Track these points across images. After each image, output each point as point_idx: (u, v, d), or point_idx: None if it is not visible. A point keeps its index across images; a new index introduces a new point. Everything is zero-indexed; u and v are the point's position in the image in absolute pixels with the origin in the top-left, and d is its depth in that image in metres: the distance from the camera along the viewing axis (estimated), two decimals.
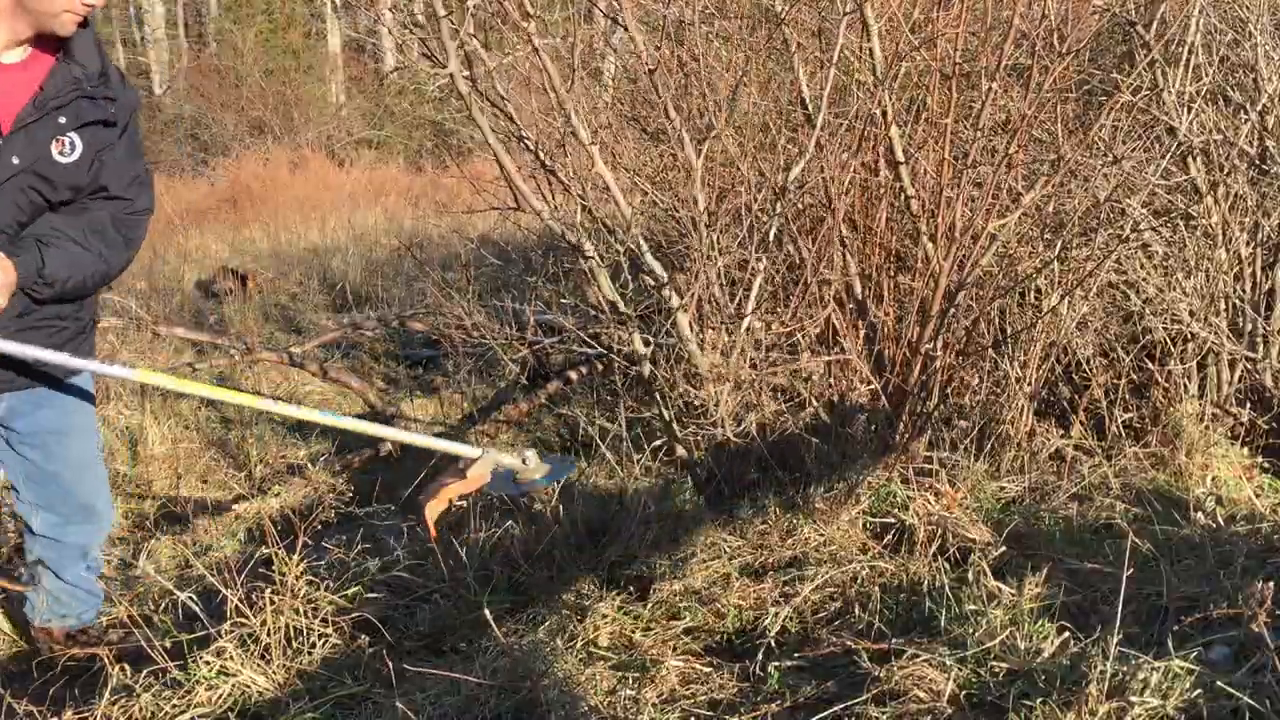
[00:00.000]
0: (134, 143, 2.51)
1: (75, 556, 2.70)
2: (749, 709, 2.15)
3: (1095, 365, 3.58)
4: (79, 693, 2.40)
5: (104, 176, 2.44)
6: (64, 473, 2.61)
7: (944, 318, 3.07)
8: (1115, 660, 1.95)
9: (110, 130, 2.42)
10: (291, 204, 11.58)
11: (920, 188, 3.33)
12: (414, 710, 2.12)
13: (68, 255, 2.39)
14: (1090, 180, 3.43)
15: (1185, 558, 2.65)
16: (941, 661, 2.14)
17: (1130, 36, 3.74)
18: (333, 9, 20.11)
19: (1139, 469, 3.34)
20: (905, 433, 3.14)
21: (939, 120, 3.23)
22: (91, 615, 2.79)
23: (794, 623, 2.53)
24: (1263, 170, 3.64)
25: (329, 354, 5.76)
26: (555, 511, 2.99)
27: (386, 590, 2.80)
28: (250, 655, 2.34)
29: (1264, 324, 3.61)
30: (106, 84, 2.39)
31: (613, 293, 3.11)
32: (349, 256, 8.82)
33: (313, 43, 21.26)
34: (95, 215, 2.45)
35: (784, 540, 2.86)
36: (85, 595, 2.76)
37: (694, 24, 3.17)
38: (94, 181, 2.43)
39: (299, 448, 4.63)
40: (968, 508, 2.97)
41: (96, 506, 2.70)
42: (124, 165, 2.46)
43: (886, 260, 3.39)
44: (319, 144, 16.37)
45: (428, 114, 15.90)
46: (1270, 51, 3.54)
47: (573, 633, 2.47)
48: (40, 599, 2.72)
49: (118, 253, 2.49)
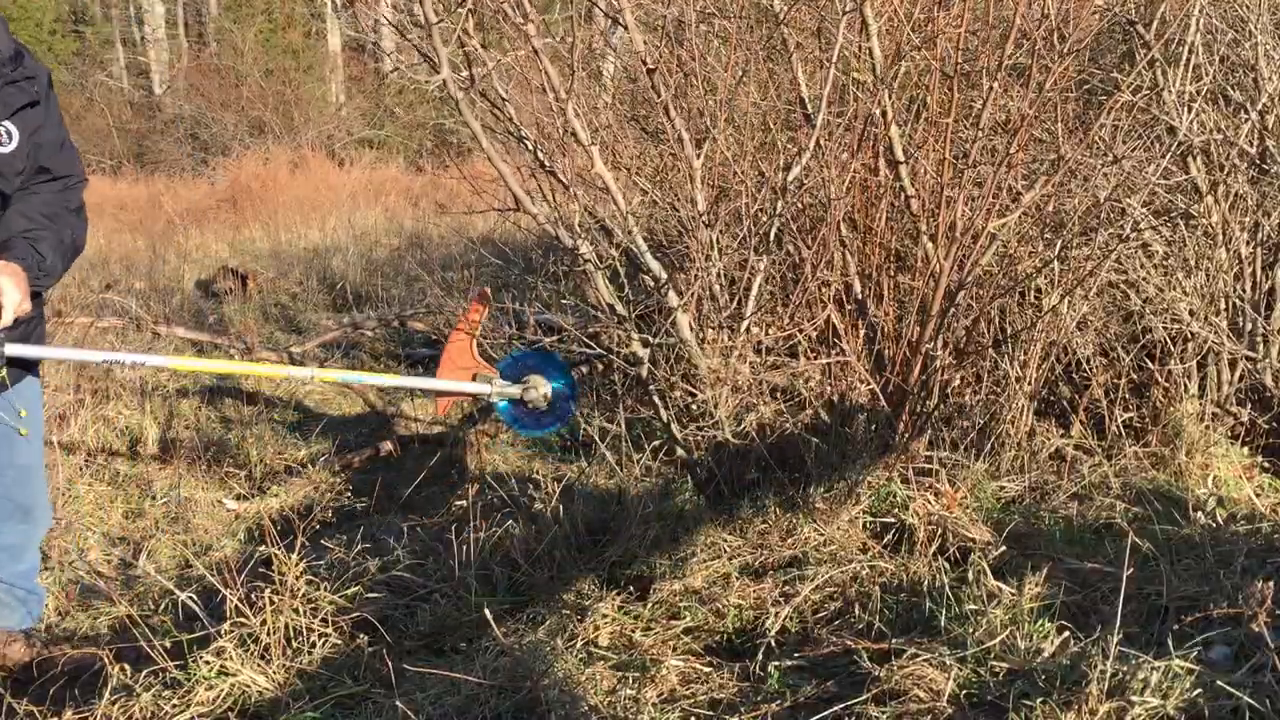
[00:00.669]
0: (55, 113, 2.51)
1: (8, 558, 2.62)
2: (749, 709, 2.15)
3: (1095, 365, 3.58)
4: (79, 693, 2.40)
5: (42, 157, 2.45)
6: (6, 473, 2.55)
7: (944, 317, 3.07)
8: (1115, 660, 1.95)
9: (37, 110, 2.42)
10: (291, 204, 11.58)
11: (920, 187, 3.33)
12: (414, 710, 2.12)
13: (52, 241, 2.41)
14: (1090, 180, 3.43)
15: (1185, 557, 2.65)
16: (941, 661, 2.15)
17: (1130, 36, 3.74)
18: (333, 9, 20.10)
19: (1139, 468, 3.34)
20: (905, 432, 3.14)
21: (939, 120, 3.23)
22: (37, 615, 2.74)
23: (794, 622, 2.53)
24: (1263, 170, 3.64)
25: (329, 354, 5.76)
26: (555, 511, 3.00)
27: (386, 590, 2.80)
28: (250, 655, 2.34)
29: (1264, 323, 3.61)
30: (22, 64, 2.39)
31: (611, 294, 3.11)
32: (349, 256, 8.82)
33: (313, 43, 21.26)
34: (45, 198, 2.47)
35: (784, 540, 2.86)
36: (25, 595, 2.68)
37: (693, 24, 3.17)
38: (34, 164, 2.43)
39: (299, 448, 4.63)
40: (968, 507, 2.97)
41: (34, 509, 2.63)
42: (54, 140, 2.47)
43: (886, 260, 3.39)
44: (319, 144, 16.37)
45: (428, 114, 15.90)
46: (1270, 51, 3.54)
47: (573, 632, 2.47)
48: None
49: (80, 226, 2.53)
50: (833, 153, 3.18)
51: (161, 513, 3.85)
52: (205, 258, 9.44)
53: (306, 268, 8.49)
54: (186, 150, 17.59)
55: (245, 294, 7.73)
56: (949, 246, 3.05)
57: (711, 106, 3.23)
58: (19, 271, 2.29)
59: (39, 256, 2.36)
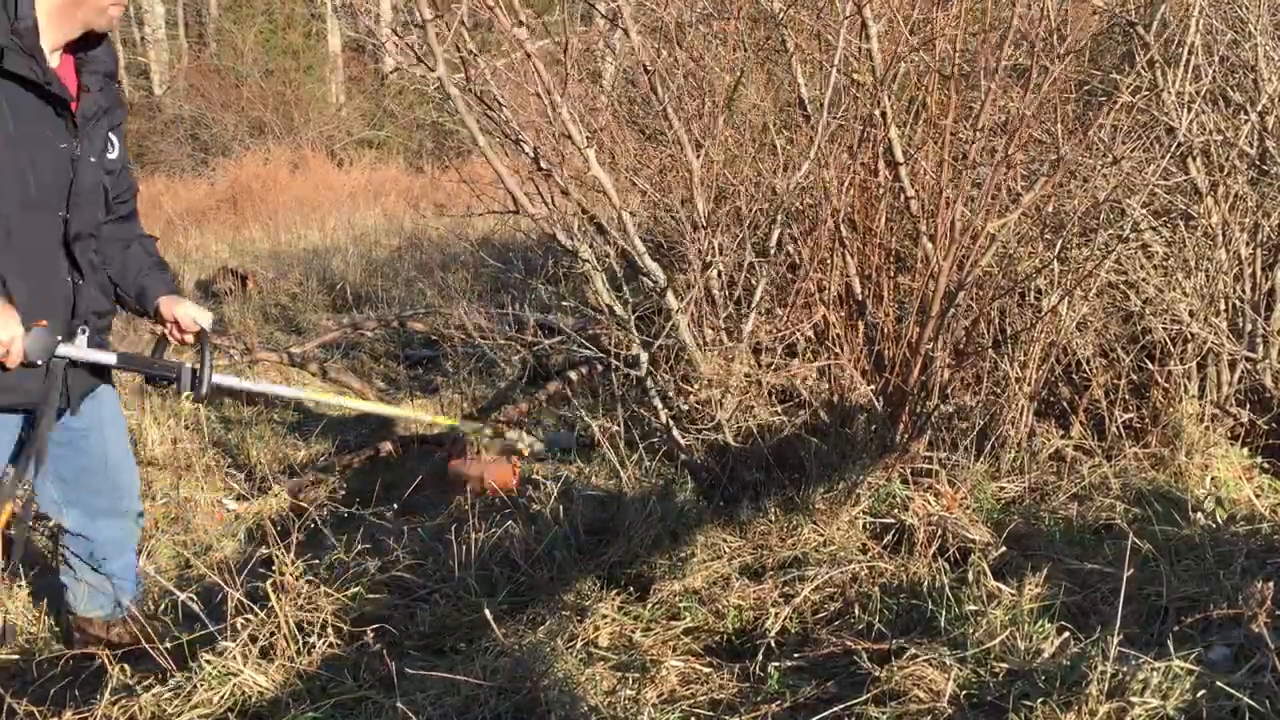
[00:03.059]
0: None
1: (112, 551, 2.73)
2: (749, 709, 2.15)
3: (1095, 365, 3.58)
4: (79, 693, 2.40)
5: (130, 172, 2.61)
6: (96, 468, 2.63)
7: (944, 318, 3.07)
8: (1115, 660, 1.95)
9: (123, 126, 2.54)
10: (291, 204, 11.58)
11: (920, 188, 3.33)
12: (414, 711, 2.12)
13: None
14: (1090, 180, 3.43)
15: (1185, 558, 2.65)
16: (941, 662, 2.15)
17: (1130, 36, 3.74)
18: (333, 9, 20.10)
19: (1139, 469, 3.34)
20: (905, 433, 3.14)
21: (938, 120, 3.23)
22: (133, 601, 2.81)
23: (794, 623, 2.53)
24: (1263, 171, 3.64)
25: (329, 354, 5.76)
26: (555, 512, 3.00)
27: (386, 590, 2.80)
28: (250, 655, 2.34)
29: (1264, 324, 3.61)
30: (115, 79, 2.48)
31: (610, 297, 3.11)
32: (349, 257, 8.83)
33: (313, 43, 21.25)
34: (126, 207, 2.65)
35: (784, 541, 2.86)
36: (126, 586, 2.78)
37: (693, 25, 3.17)
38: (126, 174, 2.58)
39: (299, 448, 4.63)
40: (968, 508, 2.97)
41: (124, 503, 2.72)
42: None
43: (886, 260, 3.39)
44: (319, 144, 16.37)
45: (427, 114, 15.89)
46: (1270, 52, 3.54)
47: (573, 633, 2.47)
48: (81, 591, 2.75)
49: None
50: (833, 155, 3.18)
51: (161, 513, 3.85)
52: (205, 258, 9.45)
53: (306, 268, 8.49)
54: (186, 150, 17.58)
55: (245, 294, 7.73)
56: (949, 247, 3.05)
57: (710, 108, 3.23)
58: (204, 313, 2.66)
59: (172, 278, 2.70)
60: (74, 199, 2.33)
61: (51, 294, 2.35)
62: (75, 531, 2.68)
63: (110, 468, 2.66)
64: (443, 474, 4.00)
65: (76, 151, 2.31)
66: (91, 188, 2.38)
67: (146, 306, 2.59)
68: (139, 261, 2.59)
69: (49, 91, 2.23)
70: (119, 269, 2.57)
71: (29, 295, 2.28)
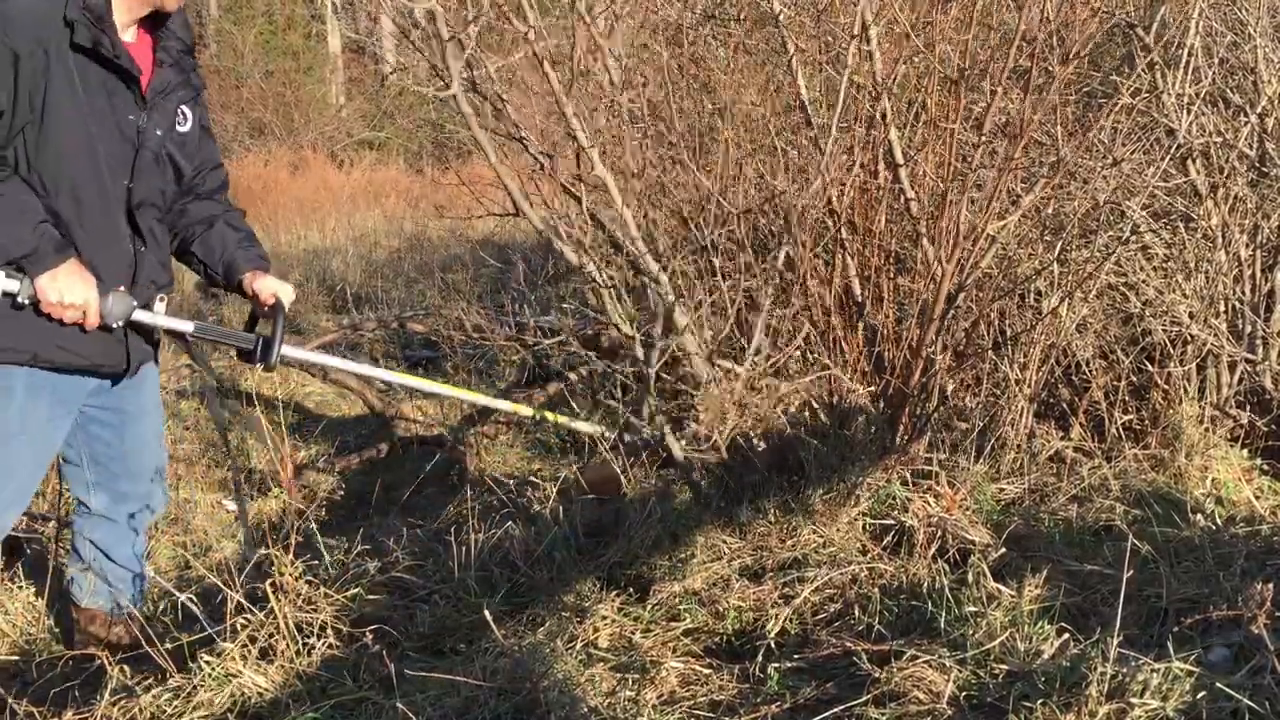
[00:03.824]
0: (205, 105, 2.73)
1: (127, 538, 2.73)
2: (749, 710, 2.15)
3: (1095, 367, 3.58)
4: (79, 693, 2.39)
5: (211, 147, 2.66)
6: (132, 451, 2.65)
7: (944, 320, 3.07)
8: (1115, 662, 1.95)
9: (201, 100, 2.61)
10: (291, 205, 11.57)
11: (920, 189, 3.33)
12: (414, 711, 2.12)
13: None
14: (1090, 182, 3.43)
15: (1185, 559, 2.65)
16: (941, 663, 2.15)
17: (1130, 38, 3.74)
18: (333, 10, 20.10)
19: (1138, 471, 3.34)
20: (905, 435, 3.14)
21: (939, 122, 3.23)
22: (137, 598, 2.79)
23: (794, 624, 2.53)
24: (1262, 173, 3.64)
25: (328, 354, 5.74)
26: (555, 513, 3.00)
27: (386, 591, 2.80)
28: (250, 656, 2.34)
29: (1264, 326, 3.61)
30: (192, 55, 2.57)
31: (619, 315, 3.11)
32: (349, 258, 8.82)
33: (313, 44, 21.23)
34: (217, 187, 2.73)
35: (784, 542, 2.86)
36: (132, 578, 2.78)
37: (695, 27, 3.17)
38: (204, 151, 2.62)
39: (299, 448, 4.63)
40: (967, 509, 2.97)
41: (153, 487, 2.74)
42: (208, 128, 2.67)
43: (886, 262, 3.40)
44: (319, 145, 16.36)
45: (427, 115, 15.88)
46: (1270, 54, 3.55)
47: (572, 634, 2.47)
48: (89, 580, 2.73)
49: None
50: (834, 157, 3.18)
51: (161, 513, 3.84)
52: None
53: (306, 269, 8.48)
54: None
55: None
56: (949, 249, 3.05)
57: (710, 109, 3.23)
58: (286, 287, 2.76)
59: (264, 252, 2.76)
60: (138, 168, 2.42)
61: (115, 259, 2.43)
62: (100, 514, 2.68)
63: (148, 453, 2.69)
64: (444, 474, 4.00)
65: (143, 123, 2.41)
66: (157, 159, 2.46)
67: (233, 281, 2.68)
68: (223, 238, 2.66)
69: (118, 65, 2.33)
70: (204, 248, 2.65)
71: (92, 259, 2.37)
